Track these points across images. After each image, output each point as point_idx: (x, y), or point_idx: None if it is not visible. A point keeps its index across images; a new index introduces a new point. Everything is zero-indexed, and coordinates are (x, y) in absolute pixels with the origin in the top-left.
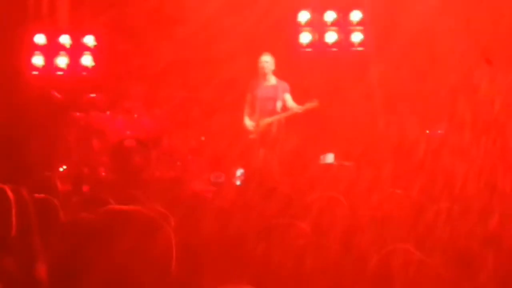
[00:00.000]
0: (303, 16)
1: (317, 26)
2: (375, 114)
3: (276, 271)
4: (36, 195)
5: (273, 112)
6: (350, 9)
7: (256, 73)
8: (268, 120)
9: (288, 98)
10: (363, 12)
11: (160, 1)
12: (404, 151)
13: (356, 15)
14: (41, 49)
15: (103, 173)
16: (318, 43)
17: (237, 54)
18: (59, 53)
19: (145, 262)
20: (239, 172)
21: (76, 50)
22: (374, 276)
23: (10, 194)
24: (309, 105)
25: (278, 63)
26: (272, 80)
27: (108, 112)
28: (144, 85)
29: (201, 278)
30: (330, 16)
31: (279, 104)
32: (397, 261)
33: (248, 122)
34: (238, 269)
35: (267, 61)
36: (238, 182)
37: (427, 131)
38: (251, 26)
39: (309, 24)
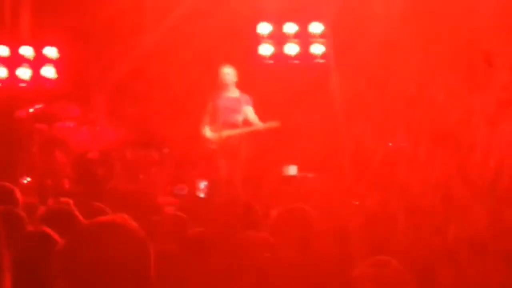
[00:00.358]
0: (264, 27)
1: (278, 38)
2: (336, 125)
3: (239, 283)
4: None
5: (234, 124)
6: (311, 21)
7: (216, 83)
8: (229, 132)
9: (249, 111)
10: (324, 24)
11: (121, 11)
12: (364, 162)
13: (317, 27)
14: (3, 60)
15: (67, 185)
16: (278, 55)
17: (196, 64)
18: (22, 64)
19: (120, 271)
20: (202, 184)
21: (38, 62)
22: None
23: None
24: (271, 124)
25: (239, 75)
26: (235, 92)
27: (71, 124)
28: (106, 96)
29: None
30: (290, 28)
31: (240, 117)
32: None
33: (209, 133)
34: (201, 279)
35: (228, 73)
36: (201, 194)
37: (390, 144)
38: (211, 36)
39: (269, 36)
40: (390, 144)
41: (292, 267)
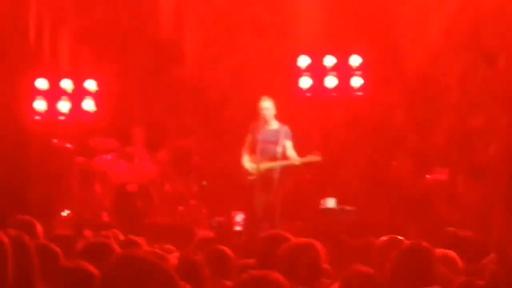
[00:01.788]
0: (303, 60)
1: (317, 71)
2: (374, 158)
3: None
4: (37, 240)
5: (273, 156)
6: (350, 54)
7: (256, 115)
8: (268, 165)
9: (289, 145)
10: (363, 57)
11: (161, 43)
12: (404, 195)
13: (355, 60)
14: (43, 93)
15: (106, 218)
16: (318, 88)
17: (237, 96)
18: (61, 97)
19: None
20: (239, 217)
21: (77, 95)
22: None
23: (5, 240)
24: (311, 158)
25: (278, 107)
26: (274, 124)
27: (110, 157)
28: (145, 129)
29: None
30: (329, 60)
31: (279, 149)
32: None
33: (248, 164)
34: None
35: (267, 107)
36: (237, 227)
37: (428, 176)
38: (252, 68)
39: (308, 68)
40: (428, 176)
41: None
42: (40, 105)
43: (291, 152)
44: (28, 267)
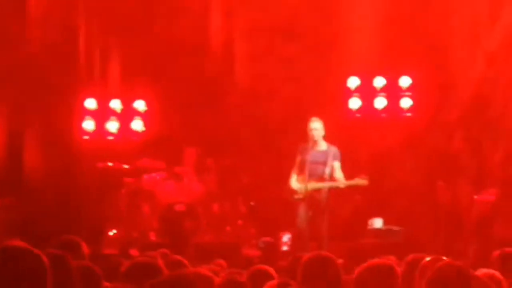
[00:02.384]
0: (353, 81)
1: (367, 92)
2: (422, 179)
3: None
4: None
5: (321, 177)
6: (399, 75)
7: (305, 137)
8: (315, 185)
9: (337, 166)
10: (412, 77)
11: (209, 61)
12: (454, 216)
13: (405, 81)
14: (92, 113)
15: (153, 237)
16: (367, 109)
17: (287, 115)
18: (110, 117)
19: None
20: (286, 237)
21: (126, 115)
22: None
23: (44, 259)
24: (358, 181)
25: (328, 128)
26: (323, 145)
27: (158, 176)
28: (194, 150)
29: None
30: (379, 81)
31: (328, 170)
32: None
33: (295, 185)
34: None
35: (316, 128)
36: (284, 248)
37: (475, 197)
38: (302, 89)
39: (358, 89)
40: (475, 197)
41: None
42: (89, 125)
43: (338, 173)
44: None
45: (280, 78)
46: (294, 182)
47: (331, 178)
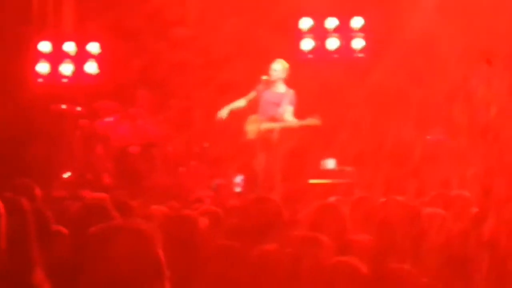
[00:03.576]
0: (305, 22)
1: (319, 33)
2: (375, 119)
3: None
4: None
5: (273, 117)
6: (352, 15)
7: (256, 76)
8: (268, 125)
9: (288, 110)
10: (365, 18)
11: (163, 4)
12: (403, 156)
13: (357, 21)
14: (46, 56)
15: (107, 180)
16: (319, 50)
17: (239, 58)
18: (64, 60)
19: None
20: (239, 178)
21: (80, 57)
22: None
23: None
24: (310, 121)
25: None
26: (281, 87)
27: (112, 119)
28: (148, 91)
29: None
30: (331, 22)
31: (280, 111)
32: None
33: (248, 126)
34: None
35: (276, 69)
36: (237, 189)
37: (428, 137)
38: (253, 30)
39: (310, 30)
40: (428, 137)
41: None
42: (43, 68)
43: (288, 116)
44: (23, 231)
45: (231, 22)
46: (248, 124)
47: (282, 120)
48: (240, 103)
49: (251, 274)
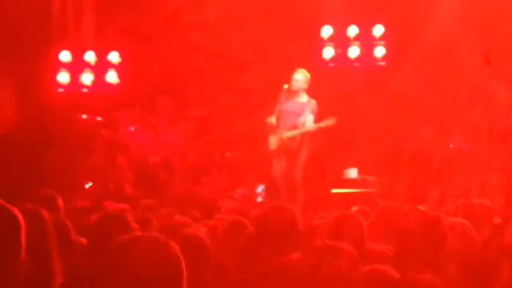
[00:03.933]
0: (326, 30)
1: (340, 41)
2: (397, 128)
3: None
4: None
5: (294, 126)
6: (373, 24)
7: (276, 85)
8: (289, 134)
9: (310, 119)
10: (385, 27)
11: (182, 11)
12: (424, 164)
13: (378, 30)
14: (66, 66)
15: (129, 189)
16: (341, 58)
17: (260, 65)
18: (84, 70)
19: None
20: (260, 188)
21: (101, 67)
22: None
23: (18, 214)
24: (326, 122)
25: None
26: (303, 97)
27: (133, 128)
28: (169, 99)
29: None
30: (352, 30)
31: (302, 120)
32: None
33: (270, 137)
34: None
35: (297, 79)
36: (259, 199)
37: (451, 145)
38: (275, 38)
39: (332, 39)
40: (451, 146)
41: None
42: (63, 77)
43: (309, 123)
44: (44, 241)
45: (252, 29)
46: (271, 137)
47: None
48: (272, 120)
49: (273, 283)
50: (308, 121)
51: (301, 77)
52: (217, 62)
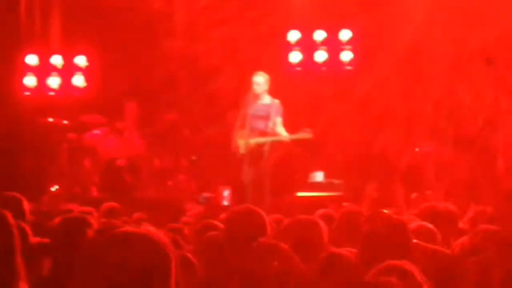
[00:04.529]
0: (293, 35)
1: (307, 45)
2: (364, 132)
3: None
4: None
5: (263, 131)
6: (340, 28)
7: (247, 89)
8: (258, 140)
9: (278, 121)
10: (353, 31)
11: (150, 17)
12: (391, 168)
13: (345, 34)
14: (33, 69)
15: (95, 193)
16: (308, 62)
17: (227, 70)
18: (51, 73)
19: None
20: (226, 192)
21: (68, 71)
22: None
23: None
24: (302, 135)
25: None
26: (266, 99)
27: (99, 132)
28: (135, 104)
29: None
30: (319, 35)
31: (270, 124)
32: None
33: (238, 140)
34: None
35: (258, 82)
36: (225, 202)
37: (416, 149)
38: (242, 43)
39: (298, 43)
40: (417, 149)
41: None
42: (30, 81)
43: (280, 128)
44: (7, 245)
45: (219, 34)
46: (238, 140)
47: (273, 132)
48: (237, 135)
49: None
50: (277, 124)
51: (261, 79)
52: (184, 66)
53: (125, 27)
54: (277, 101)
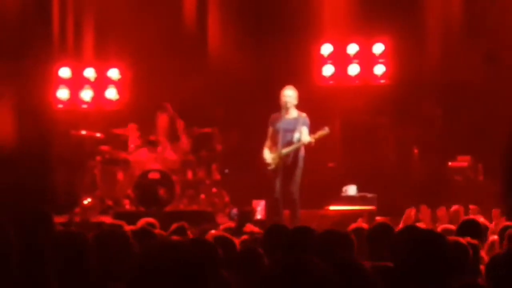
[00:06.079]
0: (326, 48)
1: (340, 59)
2: (397, 146)
3: None
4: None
5: (291, 143)
6: (373, 42)
7: (277, 106)
8: (285, 151)
9: (304, 131)
10: (385, 45)
11: (183, 29)
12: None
13: (378, 48)
14: (66, 82)
15: (128, 206)
16: (341, 76)
17: (260, 83)
18: (84, 86)
19: None
20: (260, 205)
21: (100, 83)
22: None
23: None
24: (320, 134)
25: (301, 95)
26: (294, 113)
27: (133, 145)
28: (169, 116)
29: None
30: (352, 48)
31: (296, 136)
32: None
33: (267, 155)
34: None
35: (289, 95)
36: (259, 216)
37: (450, 163)
38: (276, 55)
39: (331, 56)
40: (450, 164)
41: None
42: (63, 94)
43: (305, 136)
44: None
45: (253, 48)
46: (267, 154)
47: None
48: (267, 151)
49: None
50: (303, 134)
51: (292, 93)
52: (217, 79)
53: (157, 40)
54: (304, 114)
